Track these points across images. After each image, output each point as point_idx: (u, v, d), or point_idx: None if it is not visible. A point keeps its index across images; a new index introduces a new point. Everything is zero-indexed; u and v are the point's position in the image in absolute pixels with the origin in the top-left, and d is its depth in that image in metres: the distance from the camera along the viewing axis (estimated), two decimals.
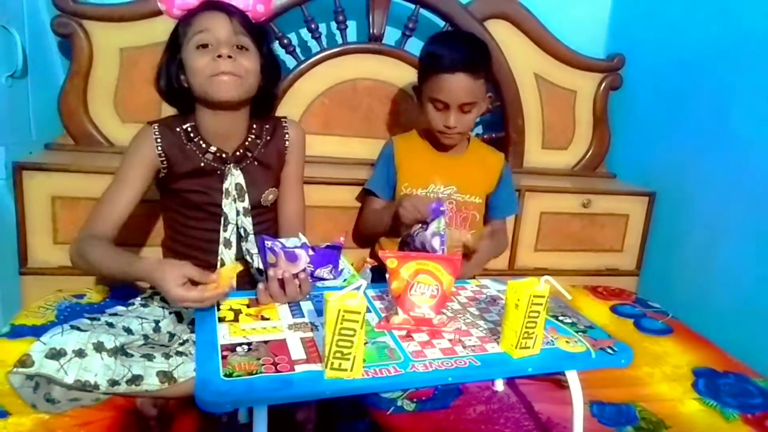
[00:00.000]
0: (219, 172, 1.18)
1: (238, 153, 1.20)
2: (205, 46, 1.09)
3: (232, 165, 1.18)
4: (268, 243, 1.02)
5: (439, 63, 1.34)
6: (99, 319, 1.05)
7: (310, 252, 1.02)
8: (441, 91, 1.35)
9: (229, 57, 1.09)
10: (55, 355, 0.93)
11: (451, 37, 1.52)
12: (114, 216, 1.13)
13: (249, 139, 1.21)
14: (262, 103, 1.22)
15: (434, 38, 1.45)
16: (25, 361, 0.92)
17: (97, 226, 1.12)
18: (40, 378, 0.93)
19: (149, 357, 0.98)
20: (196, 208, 1.19)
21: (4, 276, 1.44)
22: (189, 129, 1.17)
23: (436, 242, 1.28)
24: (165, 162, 1.16)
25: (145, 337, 1.06)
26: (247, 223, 1.20)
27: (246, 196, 1.20)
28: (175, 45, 1.14)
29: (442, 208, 1.26)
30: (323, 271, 1.04)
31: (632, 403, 1.22)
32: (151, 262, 1.03)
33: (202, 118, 1.17)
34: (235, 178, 1.18)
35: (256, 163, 1.22)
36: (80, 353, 0.93)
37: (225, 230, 1.19)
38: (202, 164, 1.17)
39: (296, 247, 1.03)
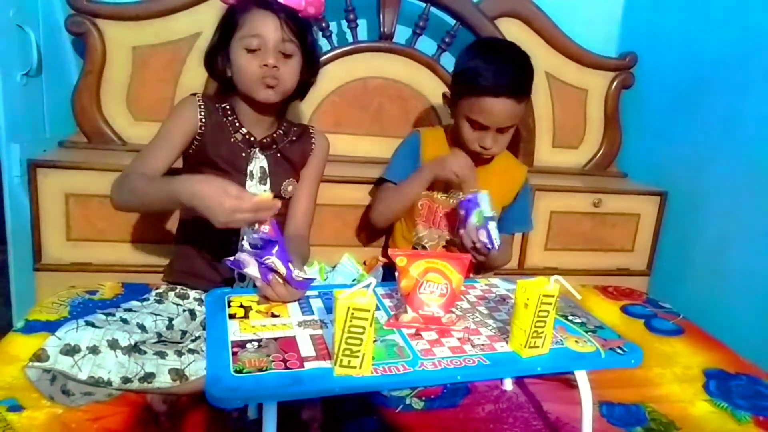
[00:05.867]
0: (244, 154, 1.23)
1: (265, 140, 1.27)
2: (253, 50, 1.15)
3: (258, 149, 1.25)
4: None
5: (483, 85, 1.25)
6: (114, 315, 1.06)
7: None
8: (481, 114, 1.28)
9: (275, 67, 1.16)
10: (70, 351, 0.94)
11: (495, 53, 1.33)
12: (152, 172, 1.15)
13: (277, 133, 1.29)
14: (298, 91, 1.28)
15: (475, 51, 1.32)
16: (40, 356, 0.93)
17: (141, 169, 1.15)
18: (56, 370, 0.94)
19: (162, 354, 0.99)
20: None
21: (18, 272, 1.46)
22: (226, 107, 1.24)
23: (483, 236, 1.27)
24: (202, 130, 1.20)
25: (159, 335, 1.07)
26: None
27: (268, 180, 1.25)
28: (225, 31, 1.19)
29: (476, 199, 1.27)
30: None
31: (642, 404, 1.21)
32: (192, 178, 1.05)
33: (238, 102, 1.24)
34: (259, 161, 1.25)
35: (279, 155, 1.28)
36: (94, 350, 0.95)
37: None
38: (232, 140, 1.23)
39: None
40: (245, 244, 1.00)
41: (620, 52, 2.02)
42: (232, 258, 1.00)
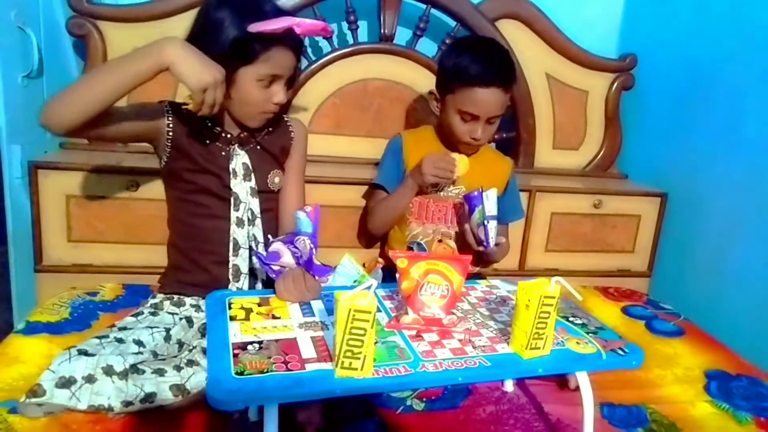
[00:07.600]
0: (224, 153, 1.21)
1: (242, 135, 1.24)
2: (266, 84, 1.15)
3: (236, 146, 1.22)
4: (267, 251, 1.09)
5: (472, 76, 1.32)
6: (108, 336, 1.05)
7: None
8: (473, 104, 1.34)
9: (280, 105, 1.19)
10: (66, 383, 0.92)
11: (480, 47, 1.40)
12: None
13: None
14: None
15: (461, 48, 1.39)
16: (36, 391, 0.92)
17: None
18: (53, 406, 0.93)
19: (161, 372, 0.98)
20: (205, 192, 1.21)
21: (19, 273, 1.46)
22: None
23: (481, 233, 1.33)
24: (171, 137, 1.17)
25: (155, 354, 1.06)
26: (255, 204, 1.23)
27: (252, 176, 1.23)
28: (235, 53, 1.09)
29: (480, 197, 1.31)
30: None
31: (643, 405, 1.21)
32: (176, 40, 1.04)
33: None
34: (240, 158, 1.22)
35: (259, 147, 1.26)
36: (90, 379, 0.93)
37: (237, 209, 1.21)
38: (207, 142, 1.20)
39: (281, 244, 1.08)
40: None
41: (620, 54, 2.02)
42: (265, 252, 1.04)
